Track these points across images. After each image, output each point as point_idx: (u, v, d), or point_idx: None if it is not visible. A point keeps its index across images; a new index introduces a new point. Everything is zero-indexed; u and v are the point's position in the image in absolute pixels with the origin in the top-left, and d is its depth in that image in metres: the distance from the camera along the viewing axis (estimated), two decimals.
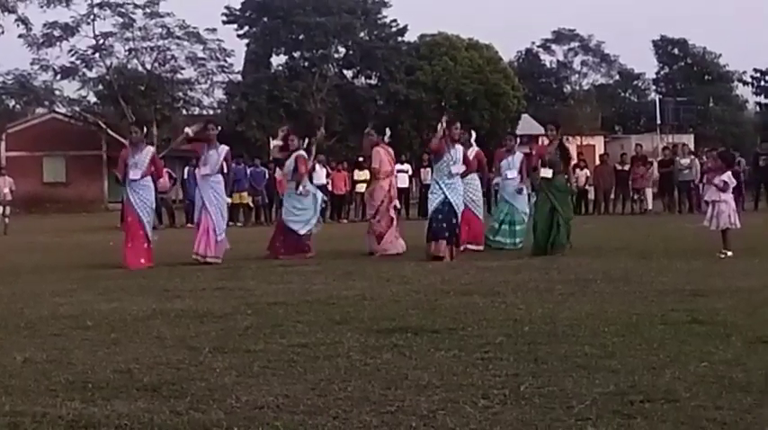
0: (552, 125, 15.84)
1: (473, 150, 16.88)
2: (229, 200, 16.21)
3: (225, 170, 15.54)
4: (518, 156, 17.82)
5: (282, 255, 15.66)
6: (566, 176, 15.63)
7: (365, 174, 32.46)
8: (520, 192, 17.41)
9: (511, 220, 17.13)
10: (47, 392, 5.85)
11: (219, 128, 16.03)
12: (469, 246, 16.18)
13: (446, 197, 14.93)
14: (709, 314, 8.19)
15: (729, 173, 14.54)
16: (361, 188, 33.73)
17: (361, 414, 5.15)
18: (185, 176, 30.57)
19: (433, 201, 15.00)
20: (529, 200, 17.05)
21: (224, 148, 15.48)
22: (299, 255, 15.62)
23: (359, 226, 26.43)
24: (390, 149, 16.84)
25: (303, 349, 7.02)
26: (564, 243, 14.95)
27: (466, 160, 15.56)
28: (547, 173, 15.00)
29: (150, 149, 15.46)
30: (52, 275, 13.75)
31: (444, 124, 15.33)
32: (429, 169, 22.63)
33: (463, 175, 15.48)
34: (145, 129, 16.08)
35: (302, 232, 16.03)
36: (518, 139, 19.56)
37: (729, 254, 13.81)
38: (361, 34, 59.17)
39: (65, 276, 13.51)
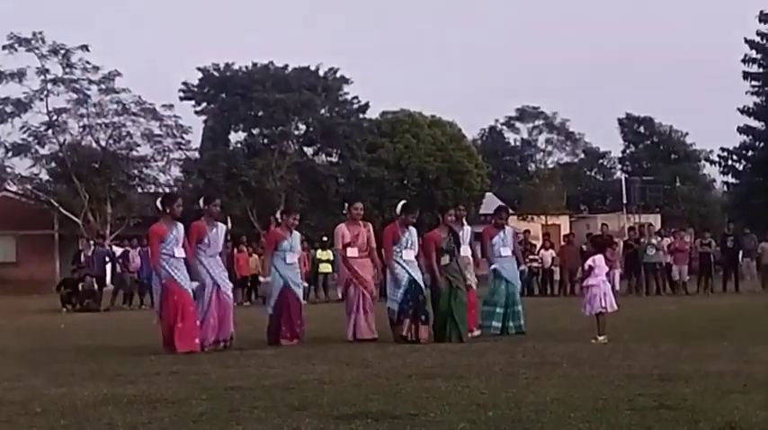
0: (460, 208, 16.15)
1: (468, 230, 16.14)
2: None
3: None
4: (509, 231, 16.72)
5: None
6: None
7: (327, 254, 32.46)
8: (522, 273, 17.06)
9: (513, 301, 16.09)
10: None
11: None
12: (475, 333, 15.41)
13: (411, 275, 14.76)
14: (676, 399, 8.05)
15: (600, 256, 14.41)
16: (323, 268, 33.62)
17: None
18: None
19: (400, 282, 14.72)
20: (521, 276, 17.14)
21: (223, 226, 14.68)
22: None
23: (320, 307, 26.32)
24: (363, 224, 16.18)
25: None
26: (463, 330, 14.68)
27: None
28: (445, 260, 14.81)
29: (181, 225, 14.16)
30: (0, 359, 13.45)
31: (400, 209, 15.28)
32: None
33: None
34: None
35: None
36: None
37: (601, 339, 13.48)
38: (322, 111, 59.01)
39: (13, 360, 13.25)
